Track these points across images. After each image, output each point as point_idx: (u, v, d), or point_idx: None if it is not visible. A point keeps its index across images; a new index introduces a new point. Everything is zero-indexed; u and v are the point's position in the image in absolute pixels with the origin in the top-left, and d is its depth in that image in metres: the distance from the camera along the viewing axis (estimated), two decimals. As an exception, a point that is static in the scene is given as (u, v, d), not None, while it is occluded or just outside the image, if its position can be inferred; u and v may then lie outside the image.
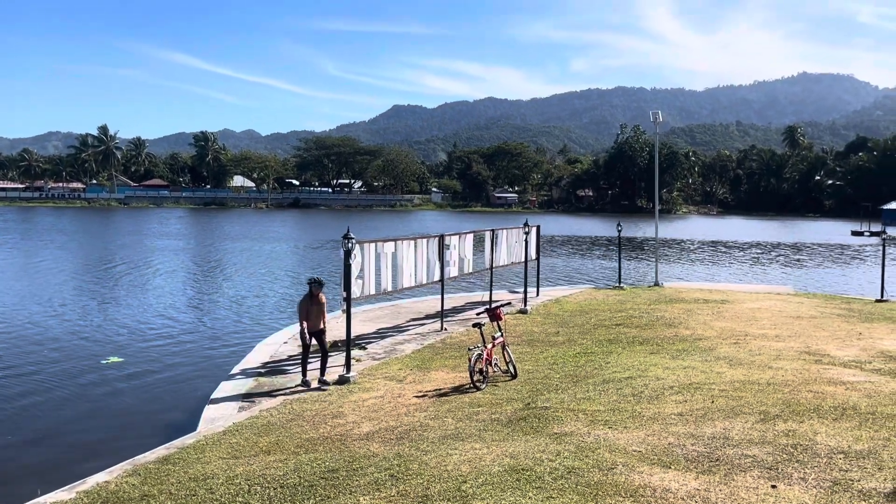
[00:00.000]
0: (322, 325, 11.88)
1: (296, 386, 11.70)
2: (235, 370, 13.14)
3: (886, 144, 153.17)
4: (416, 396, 10.58)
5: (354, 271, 12.57)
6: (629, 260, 44.87)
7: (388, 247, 14.59)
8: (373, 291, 13.87)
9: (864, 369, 11.11)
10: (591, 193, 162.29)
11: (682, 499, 5.75)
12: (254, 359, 14.00)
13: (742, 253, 53.61)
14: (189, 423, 10.32)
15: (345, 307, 12.15)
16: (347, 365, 11.99)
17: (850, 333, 14.71)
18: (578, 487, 6.10)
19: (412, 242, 15.63)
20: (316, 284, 11.78)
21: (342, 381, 11.65)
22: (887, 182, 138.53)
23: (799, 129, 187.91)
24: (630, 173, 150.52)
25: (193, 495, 6.89)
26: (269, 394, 11.31)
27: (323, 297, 11.90)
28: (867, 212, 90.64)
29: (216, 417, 10.17)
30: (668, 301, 20.69)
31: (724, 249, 56.94)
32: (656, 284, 25.91)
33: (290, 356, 14.09)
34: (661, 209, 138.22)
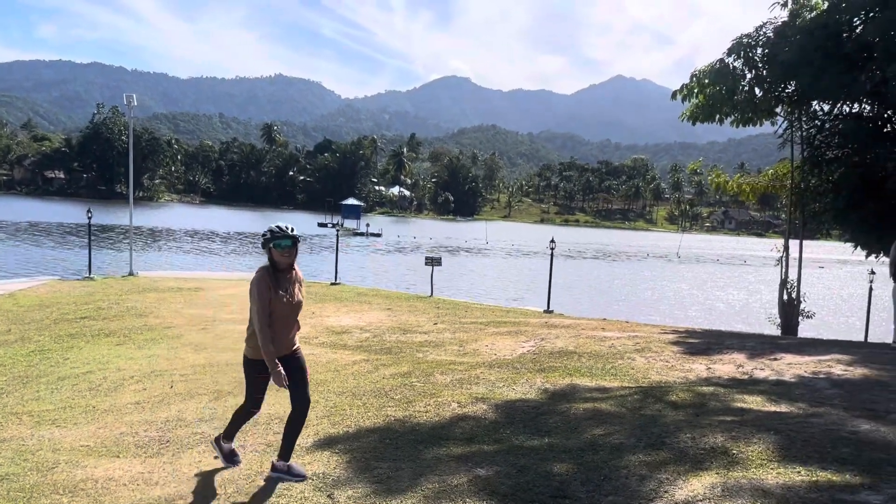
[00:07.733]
0: (295, 342, 6.09)
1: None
2: None
3: (347, 148, 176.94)
4: None
5: None
6: (103, 249, 42.36)
7: None
8: None
9: (311, 343, 12.80)
10: (62, 176, 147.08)
11: (125, 484, 5.83)
12: None
13: (220, 242, 55.50)
14: None
15: None
16: None
17: (305, 313, 16.67)
18: (10, 494, 5.65)
19: None
20: (283, 242, 5.62)
21: None
22: (347, 180, 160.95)
23: (275, 127, 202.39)
24: (108, 157, 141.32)
25: None
26: None
27: (300, 274, 6.01)
28: (331, 206, 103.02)
29: None
30: (141, 291, 20.25)
31: (203, 238, 58.06)
32: (131, 274, 25.03)
33: None
34: (143, 196, 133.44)
